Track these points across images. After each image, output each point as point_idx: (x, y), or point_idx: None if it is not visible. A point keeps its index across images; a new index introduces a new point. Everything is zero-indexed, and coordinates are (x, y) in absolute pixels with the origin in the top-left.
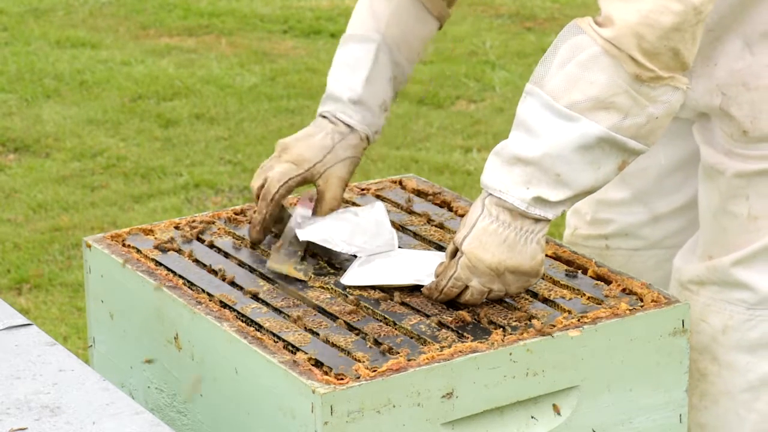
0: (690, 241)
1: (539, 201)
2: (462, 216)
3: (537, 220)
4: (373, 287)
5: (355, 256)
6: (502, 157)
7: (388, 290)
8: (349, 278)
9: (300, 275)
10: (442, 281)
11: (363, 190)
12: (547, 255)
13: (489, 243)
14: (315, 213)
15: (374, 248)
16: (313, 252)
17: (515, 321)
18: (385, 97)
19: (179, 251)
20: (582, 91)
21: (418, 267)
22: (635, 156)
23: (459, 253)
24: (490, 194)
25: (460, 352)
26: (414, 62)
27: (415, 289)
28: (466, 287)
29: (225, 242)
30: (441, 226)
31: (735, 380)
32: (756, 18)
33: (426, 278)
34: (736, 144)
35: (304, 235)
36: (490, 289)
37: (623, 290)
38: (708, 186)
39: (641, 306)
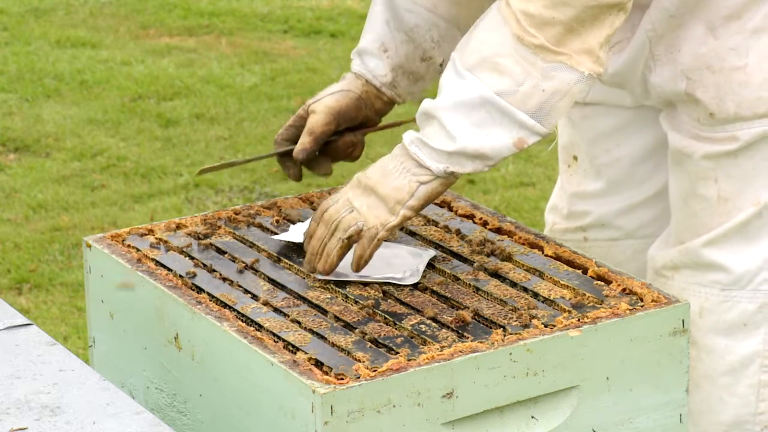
0: (664, 233)
1: (420, 142)
2: (462, 216)
3: (420, 164)
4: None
5: None
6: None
7: (388, 292)
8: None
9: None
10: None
11: None
12: (547, 255)
13: (371, 166)
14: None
15: None
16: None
17: (515, 321)
18: (382, 39)
19: (179, 251)
20: (474, 50)
21: (390, 262)
22: (534, 136)
23: None
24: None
25: (460, 352)
26: (439, 7)
27: (416, 289)
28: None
29: (225, 242)
30: (439, 225)
31: (714, 364)
32: (717, 2)
33: (403, 275)
34: (703, 127)
35: (282, 237)
36: (351, 206)
37: (623, 290)
38: (677, 171)
39: (641, 306)
